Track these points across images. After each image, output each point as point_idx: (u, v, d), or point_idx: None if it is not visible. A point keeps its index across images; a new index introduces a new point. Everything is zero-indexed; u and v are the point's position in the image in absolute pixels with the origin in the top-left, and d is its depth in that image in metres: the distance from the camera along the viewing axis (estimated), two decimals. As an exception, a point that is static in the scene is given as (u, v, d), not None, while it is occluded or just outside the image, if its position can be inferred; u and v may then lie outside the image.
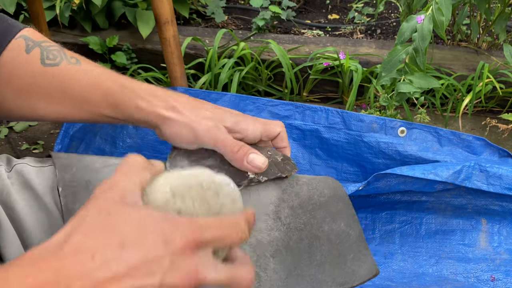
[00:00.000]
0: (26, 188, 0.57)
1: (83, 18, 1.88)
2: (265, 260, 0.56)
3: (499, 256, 1.13)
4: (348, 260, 0.59)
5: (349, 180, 1.20)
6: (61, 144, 1.09)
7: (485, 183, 1.06)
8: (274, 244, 0.58)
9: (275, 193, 0.61)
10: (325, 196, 0.63)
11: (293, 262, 0.57)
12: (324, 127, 1.16)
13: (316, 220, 0.61)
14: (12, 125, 1.61)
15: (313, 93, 1.76)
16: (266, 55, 1.72)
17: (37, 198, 0.56)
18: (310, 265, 0.58)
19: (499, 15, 1.64)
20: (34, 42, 0.63)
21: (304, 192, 0.63)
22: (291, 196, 0.62)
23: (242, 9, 2.22)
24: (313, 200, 0.62)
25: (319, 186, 0.64)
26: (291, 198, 0.61)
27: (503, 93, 1.58)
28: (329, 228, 0.61)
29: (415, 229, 1.17)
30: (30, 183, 0.57)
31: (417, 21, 1.17)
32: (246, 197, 0.59)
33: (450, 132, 1.14)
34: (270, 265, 0.56)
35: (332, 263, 0.59)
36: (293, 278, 0.56)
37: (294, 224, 0.60)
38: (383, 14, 2.22)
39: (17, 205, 0.55)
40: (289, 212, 0.60)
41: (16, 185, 0.57)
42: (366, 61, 1.73)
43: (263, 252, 0.57)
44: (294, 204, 0.61)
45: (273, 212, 0.60)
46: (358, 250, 0.61)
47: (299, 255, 0.58)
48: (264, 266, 0.56)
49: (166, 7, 1.23)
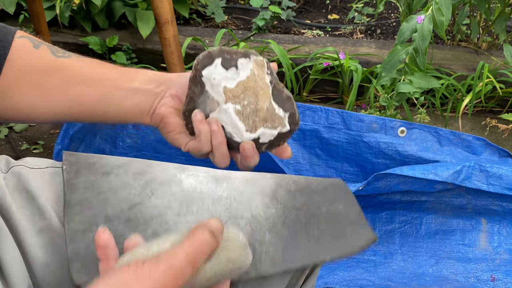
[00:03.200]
0: (21, 190, 0.57)
1: (83, 18, 1.88)
2: (260, 234, 0.57)
3: (499, 256, 1.13)
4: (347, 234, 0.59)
5: (349, 180, 1.20)
6: (61, 144, 1.09)
7: (485, 183, 1.06)
8: (270, 220, 0.58)
9: (272, 180, 0.62)
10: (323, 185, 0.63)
11: (290, 236, 0.57)
12: (324, 127, 1.16)
13: (313, 202, 0.61)
14: (12, 125, 1.61)
15: (313, 93, 1.76)
16: (266, 55, 1.72)
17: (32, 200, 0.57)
18: (307, 239, 0.58)
19: (499, 15, 1.64)
20: (38, 40, 0.64)
21: (302, 180, 0.63)
22: (289, 183, 0.62)
23: (242, 9, 2.22)
24: (311, 187, 0.62)
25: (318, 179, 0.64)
26: (289, 185, 0.62)
27: (503, 93, 1.58)
28: (327, 210, 0.61)
29: (415, 229, 1.17)
30: (25, 185, 0.57)
31: (417, 21, 1.17)
32: (242, 185, 0.60)
33: (450, 132, 1.14)
34: (266, 238, 0.56)
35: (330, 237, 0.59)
36: (289, 251, 0.56)
37: (291, 203, 0.60)
38: (383, 14, 2.22)
39: (11, 207, 0.55)
40: (286, 194, 0.61)
41: (11, 187, 0.57)
42: (366, 61, 1.73)
43: (259, 226, 0.57)
44: (292, 189, 0.62)
45: (270, 193, 0.60)
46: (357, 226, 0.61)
47: (296, 230, 0.58)
48: (260, 239, 0.56)
49: (166, 7, 1.23)
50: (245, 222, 0.57)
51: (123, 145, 1.16)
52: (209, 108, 0.65)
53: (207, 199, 0.58)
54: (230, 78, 0.63)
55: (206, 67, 0.63)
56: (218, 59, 0.64)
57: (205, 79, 0.64)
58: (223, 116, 0.64)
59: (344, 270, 1.12)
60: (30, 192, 0.57)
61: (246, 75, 0.63)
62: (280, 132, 0.65)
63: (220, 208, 0.57)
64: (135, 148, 1.18)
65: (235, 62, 0.63)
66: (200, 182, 0.60)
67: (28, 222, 0.55)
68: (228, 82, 0.64)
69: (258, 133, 0.64)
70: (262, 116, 0.64)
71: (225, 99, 0.64)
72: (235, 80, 0.63)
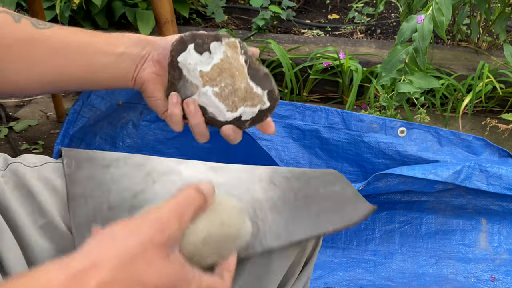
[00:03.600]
0: (20, 187, 0.57)
1: (83, 18, 1.88)
2: (262, 212, 0.59)
3: (499, 256, 1.13)
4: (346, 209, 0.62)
5: (349, 180, 1.20)
6: (61, 144, 1.09)
7: (485, 183, 1.06)
8: (270, 201, 0.60)
9: (269, 170, 0.64)
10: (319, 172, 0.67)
11: (291, 213, 0.60)
12: (324, 127, 1.16)
13: (310, 186, 0.64)
14: (12, 125, 1.61)
15: (313, 93, 1.76)
16: (266, 55, 1.72)
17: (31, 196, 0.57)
18: (308, 214, 0.60)
19: (499, 15, 1.64)
20: (18, 14, 0.64)
21: (297, 170, 0.66)
22: (285, 172, 0.65)
23: (242, 9, 2.22)
24: (307, 174, 0.66)
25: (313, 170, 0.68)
26: (285, 172, 0.65)
27: (503, 93, 1.58)
28: (324, 191, 0.63)
29: (415, 229, 1.17)
30: (24, 182, 0.57)
31: (417, 21, 1.17)
32: (239, 173, 0.63)
33: (450, 132, 1.14)
34: (268, 216, 0.58)
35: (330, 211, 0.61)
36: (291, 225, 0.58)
37: (289, 187, 0.63)
38: (383, 14, 2.22)
39: (11, 204, 0.56)
40: (283, 179, 0.64)
41: (10, 184, 0.57)
42: (366, 61, 1.73)
43: (260, 206, 0.59)
44: (288, 176, 0.64)
45: (268, 179, 0.63)
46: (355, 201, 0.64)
47: (296, 208, 0.60)
48: (262, 217, 0.58)
49: (166, 7, 1.23)
50: (246, 203, 0.59)
51: (123, 145, 1.16)
52: (189, 91, 0.67)
53: None
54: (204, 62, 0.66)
55: (181, 53, 0.65)
56: (191, 45, 0.66)
57: (181, 64, 0.66)
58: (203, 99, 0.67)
59: (344, 270, 1.12)
60: (29, 189, 0.57)
61: (220, 58, 0.66)
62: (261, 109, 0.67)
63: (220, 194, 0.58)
64: (135, 148, 1.18)
65: (207, 46, 0.66)
66: (199, 172, 0.62)
67: (28, 218, 0.56)
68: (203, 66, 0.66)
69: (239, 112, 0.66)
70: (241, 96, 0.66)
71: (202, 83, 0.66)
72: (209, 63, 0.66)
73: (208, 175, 0.62)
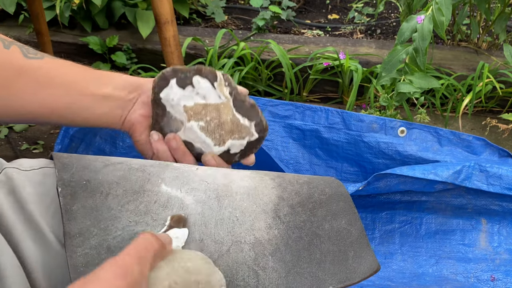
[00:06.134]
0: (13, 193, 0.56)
1: (83, 18, 1.88)
2: (263, 259, 0.56)
3: (499, 256, 1.13)
4: (349, 258, 0.59)
5: (349, 180, 1.21)
6: (61, 144, 1.09)
7: (485, 183, 1.06)
8: (273, 243, 0.58)
9: (275, 192, 0.61)
10: (326, 194, 0.63)
11: (293, 260, 0.57)
12: (324, 127, 1.16)
13: (316, 218, 0.61)
14: (12, 125, 1.61)
15: (313, 93, 1.76)
16: (266, 55, 1.72)
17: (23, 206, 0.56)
18: (310, 262, 0.58)
19: (499, 15, 1.64)
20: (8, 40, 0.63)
21: (304, 190, 0.62)
22: (291, 194, 0.61)
23: (242, 9, 2.22)
24: (314, 198, 0.62)
25: (319, 185, 0.64)
26: (291, 197, 0.61)
27: (503, 93, 1.58)
28: (330, 226, 0.61)
29: (415, 229, 1.17)
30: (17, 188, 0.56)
31: (417, 21, 1.17)
32: (244, 201, 0.59)
33: (450, 132, 1.14)
34: (269, 264, 0.56)
35: (332, 261, 0.59)
36: (292, 276, 0.56)
37: (294, 222, 0.60)
38: (383, 14, 2.22)
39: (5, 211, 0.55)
40: (288, 210, 0.60)
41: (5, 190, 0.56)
42: (366, 61, 1.73)
43: (262, 250, 0.57)
44: (294, 202, 0.61)
45: (272, 211, 0.60)
46: (359, 248, 0.61)
47: (299, 253, 0.58)
48: (263, 265, 0.56)
49: (166, 7, 1.23)
50: (248, 248, 0.57)
51: (123, 145, 1.16)
52: (174, 128, 0.65)
53: (209, 222, 0.57)
54: (188, 96, 0.64)
55: (163, 89, 0.64)
56: (173, 80, 0.64)
57: (164, 101, 0.64)
58: (189, 134, 0.65)
59: (344, 270, 1.12)
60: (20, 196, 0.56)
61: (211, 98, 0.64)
62: (249, 141, 0.65)
63: (223, 232, 0.57)
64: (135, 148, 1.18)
65: (190, 80, 0.64)
66: (202, 201, 0.58)
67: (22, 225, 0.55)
68: (187, 100, 0.64)
69: (227, 145, 0.65)
70: (227, 129, 0.65)
71: (187, 118, 0.64)
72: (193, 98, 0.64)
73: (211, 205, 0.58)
